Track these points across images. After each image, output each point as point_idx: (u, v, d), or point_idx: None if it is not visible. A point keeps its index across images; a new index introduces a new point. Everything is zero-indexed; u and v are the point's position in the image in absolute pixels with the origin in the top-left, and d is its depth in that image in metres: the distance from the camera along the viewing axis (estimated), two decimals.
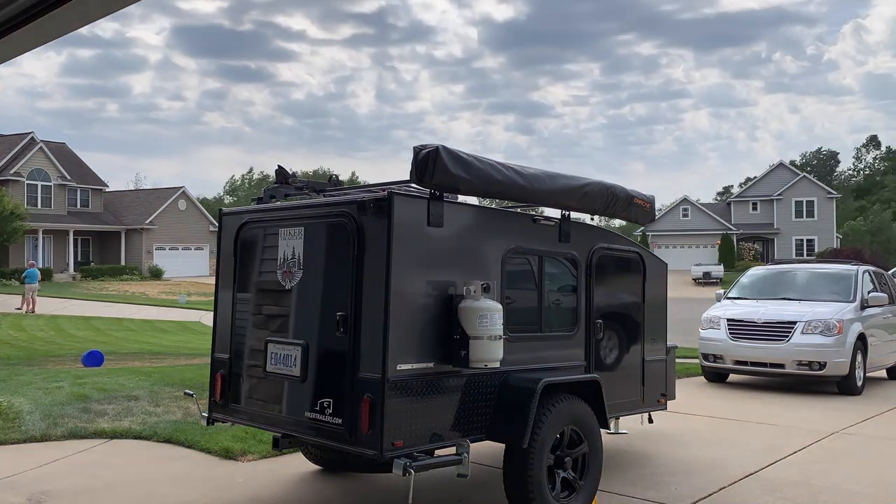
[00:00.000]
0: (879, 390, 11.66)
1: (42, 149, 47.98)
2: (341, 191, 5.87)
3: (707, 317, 11.97)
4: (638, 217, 6.67)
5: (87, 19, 3.32)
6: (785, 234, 65.67)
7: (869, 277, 12.29)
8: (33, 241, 46.30)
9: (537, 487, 4.92)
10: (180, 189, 56.84)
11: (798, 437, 7.99)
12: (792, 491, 6.04)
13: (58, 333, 20.99)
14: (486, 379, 5.03)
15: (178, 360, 13.12)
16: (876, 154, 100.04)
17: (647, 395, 6.73)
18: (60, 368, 11.90)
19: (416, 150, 4.75)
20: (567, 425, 5.25)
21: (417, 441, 4.63)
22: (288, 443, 5.58)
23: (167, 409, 8.30)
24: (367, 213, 4.65)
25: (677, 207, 69.03)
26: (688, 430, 8.28)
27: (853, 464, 6.96)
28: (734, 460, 6.94)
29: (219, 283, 5.81)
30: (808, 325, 10.86)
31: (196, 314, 29.26)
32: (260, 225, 5.48)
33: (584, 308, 6.01)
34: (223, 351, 5.65)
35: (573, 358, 5.87)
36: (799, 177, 67.69)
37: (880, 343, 11.98)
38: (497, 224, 5.36)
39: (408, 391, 4.58)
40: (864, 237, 67.94)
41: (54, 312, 27.88)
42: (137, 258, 52.42)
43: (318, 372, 4.87)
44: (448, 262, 4.89)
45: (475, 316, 4.67)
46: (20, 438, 7.21)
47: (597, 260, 6.15)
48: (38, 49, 3.74)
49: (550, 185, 5.56)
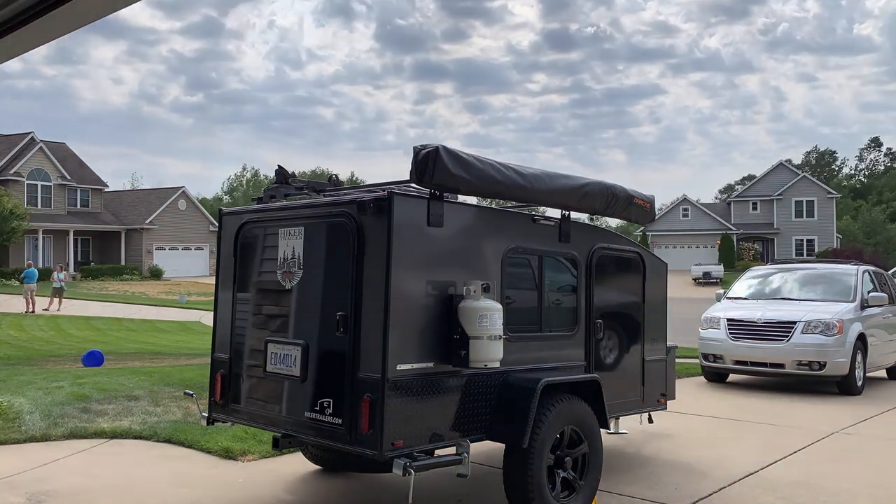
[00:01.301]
0: (879, 390, 11.66)
1: (42, 149, 47.99)
2: (341, 191, 5.86)
3: (707, 317, 11.97)
4: (638, 217, 6.67)
5: (88, 18, 3.32)
6: (785, 234, 65.68)
7: (869, 277, 12.29)
8: (33, 241, 46.30)
9: (537, 487, 4.92)
10: (180, 189, 56.86)
11: (798, 437, 7.98)
12: (792, 491, 6.04)
13: (58, 333, 20.99)
14: (486, 379, 5.03)
15: (178, 360, 13.12)
16: (877, 154, 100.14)
17: (647, 395, 6.73)
18: (60, 368, 11.90)
19: (416, 150, 4.75)
20: (567, 425, 5.25)
21: (417, 441, 4.63)
22: (288, 443, 5.57)
23: (167, 409, 8.30)
24: (367, 213, 4.65)
25: (677, 207, 69.06)
26: (688, 430, 8.28)
27: (853, 464, 6.96)
28: (734, 460, 6.94)
29: (219, 282, 5.81)
30: (808, 325, 10.86)
31: (196, 314, 29.26)
32: (260, 225, 5.48)
33: (584, 308, 6.01)
34: (223, 351, 5.65)
35: (573, 358, 5.87)
36: (799, 177, 67.71)
37: (880, 343, 11.98)
38: (497, 224, 5.35)
39: (408, 391, 4.58)
40: (858, 236, 68.00)
41: (54, 312, 27.91)
42: (137, 258, 52.42)
43: (318, 372, 4.87)
44: (448, 262, 4.89)
45: (475, 316, 4.67)
46: (20, 438, 7.21)
47: (597, 260, 6.15)
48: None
49: (550, 184, 5.56)
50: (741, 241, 65.81)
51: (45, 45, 3.64)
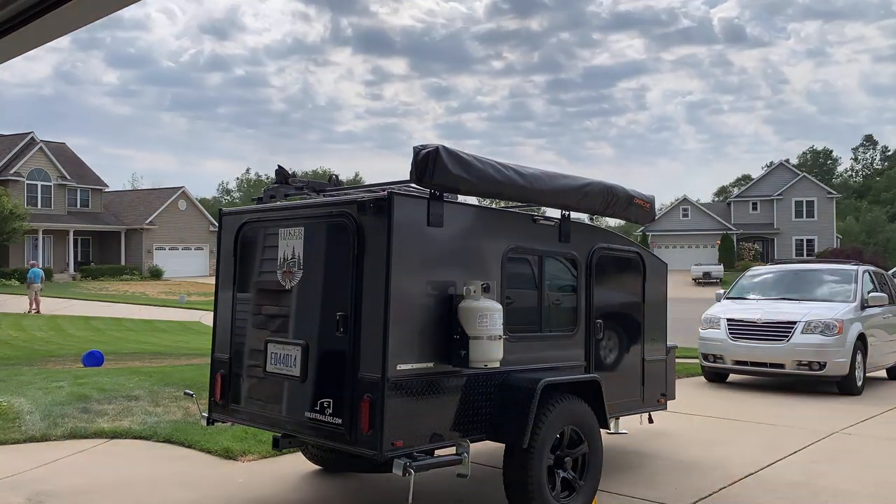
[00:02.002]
0: (879, 390, 11.66)
1: (42, 149, 47.98)
2: (341, 191, 5.87)
3: (707, 317, 11.98)
4: (638, 217, 6.67)
5: (88, 18, 3.32)
6: (785, 234, 65.67)
7: (869, 277, 12.29)
8: (33, 241, 46.28)
9: (537, 487, 4.92)
10: (180, 189, 56.85)
11: (798, 437, 7.98)
12: (792, 491, 6.04)
13: (58, 333, 20.99)
14: (486, 379, 5.03)
15: (178, 360, 13.12)
16: (873, 153, 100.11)
17: (647, 395, 6.73)
18: (60, 368, 11.90)
19: (416, 150, 4.75)
20: (567, 425, 5.25)
21: (417, 441, 4.63)
22: (288, 443, 5.58)
23: (167, 409, 8.30)
24: (367, 213, 4.65)
25: (677, 207, 69.06)
26: (688, 430, 8.28)
27: (853, 464, 6.96)
28: (734, 460, 6.93)
29: (219, 283, 5.81)
30: (808, 325, 10.86)
31: (196, 314, 29.25)
32: (260, 225, 5.48)
33: (584, 308, 6.01)
34: (223, 351, 5.65)
35: (573, 358, 5.87)
36: (799, 177, 67.69)
37: (880, 343, 11.98)
38: (497, 224, 5.35)
39: (408, 391, 4.58)
40: (859, 237, 67.99)
41: (54, 312, 27.90)
42: (137, 258, 52.42)
43: (318, 372, 4.87)
44: (448, 262, 4.89)
45: (475, 316, 4.67)
46: (20, 438, 7.21)
47: (597, 260, 6.15)
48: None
49: (550, 184, 5.56)
50: (741, 241, 65.79)
51: (44, 45, 3.64)
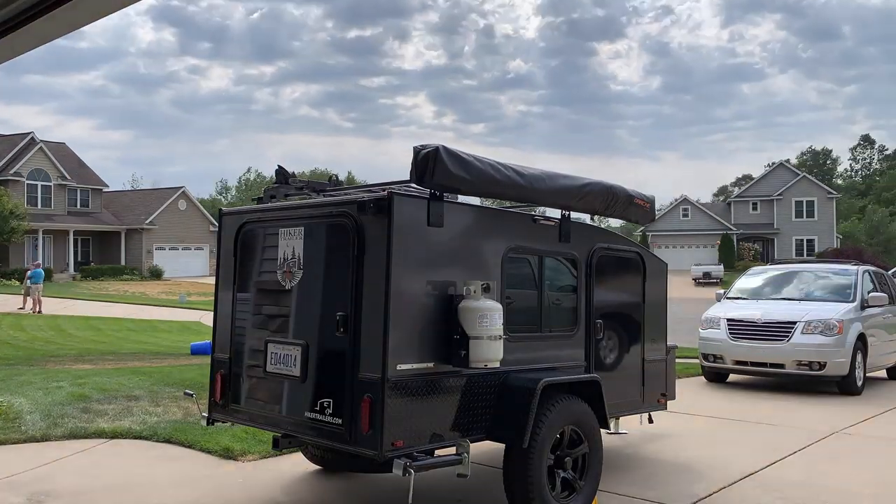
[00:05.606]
0: (879, 390, 11.66)
1: (42, 149, 47.98)
2: (341, 191, 5.87)
3: (707, 317, 11.97)
4: (638, 217, 6.67)
5: (88, 19, 3.32)
6: (785, 234, 65.69)
7: (869, 277, 12.29)
8: (33, 241, 46.28)
9: (537, 487, 4.92)
10: (180, 189, 56.84)
11: (798, 437, 7.98)
12: (792, 491, 6.04)
13: (58, 333, 20.98)
14: (485, 379, 5.02)
15: (178, 360, 13.12)
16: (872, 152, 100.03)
17: (647, 395, 6.73)
18: (60, 368, 11.90)
19: (416, 150, 4.75)
20: (567, 425, 5.25)
21: (417, 441, 4.63)
22: (288, 443, 5.57)
23: (167, 409, 8.30)
24: (367, 213, 4.65)
25: (677, 207, 69.08)
26: (688, 430, 8.28)
27: (853, 464, 6.96)
28: (734, 460, 6.93)
29: (219, 282, 5.81)
30: (808, 325, 10.86)
31: (196, 314, 29.24)
32: (260, 225, 5.48)
33: (584, 308, 6.01)
34: (223, 351, 5.65)
35: (573, 358, 5.87)
36: (799, 177, 67.72)
37: (880, 343, 11.98)
38: (497, 224, 5.35)
39: (408, 391, 4.58)
40: (861, 237, 67.98)
41: (54, 312, 27.88)
42: (137, 258, 52.41)
43: (318, 372, 4.87)
44: (448, 262, 4.88)
45: (475, 316, 4.66)
46: (20, 438, 7.20)
47: (597, 260, 6.15)
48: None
49: (550, 185, 5.56)
50: (741, 241, 65.80)
51: (44, 45, 3.64)
